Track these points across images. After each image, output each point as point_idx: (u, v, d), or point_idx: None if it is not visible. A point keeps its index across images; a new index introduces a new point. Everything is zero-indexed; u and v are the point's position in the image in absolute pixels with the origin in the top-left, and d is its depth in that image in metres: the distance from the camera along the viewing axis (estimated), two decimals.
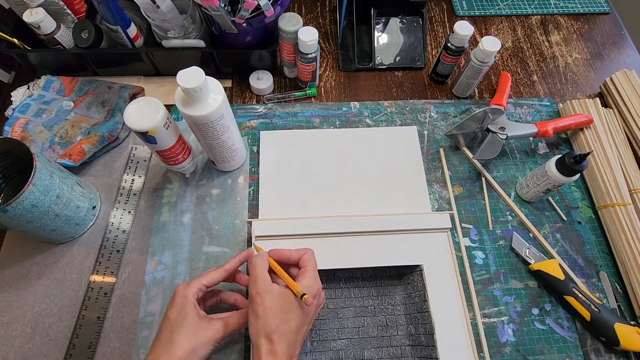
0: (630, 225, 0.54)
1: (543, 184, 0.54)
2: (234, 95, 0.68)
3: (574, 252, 0.56)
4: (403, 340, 0.51)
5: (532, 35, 0.78)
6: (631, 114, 0.63)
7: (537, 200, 0.59)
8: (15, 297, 0.51)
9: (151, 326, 0.50)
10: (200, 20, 0.62)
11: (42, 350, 0.48)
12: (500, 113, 0.58)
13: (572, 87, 0.72)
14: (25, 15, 0.57)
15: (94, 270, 0.52)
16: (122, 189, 0.58)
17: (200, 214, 0.57)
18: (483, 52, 0.59)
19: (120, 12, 0.58)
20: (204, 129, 0.48)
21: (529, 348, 0.50)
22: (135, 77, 0.68)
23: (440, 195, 0.60)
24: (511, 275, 0.54)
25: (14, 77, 0.68)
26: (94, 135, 0.58)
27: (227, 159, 0.56)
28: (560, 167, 0.52)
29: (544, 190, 0.55)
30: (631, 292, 0.52)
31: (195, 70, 0.43)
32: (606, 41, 0.78)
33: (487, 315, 0.52)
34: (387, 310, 0.53)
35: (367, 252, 0.52)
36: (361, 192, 0.59)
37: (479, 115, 0.58)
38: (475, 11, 0.80)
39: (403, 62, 0.72)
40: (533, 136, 0.60)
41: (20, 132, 0.59)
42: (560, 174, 0.52)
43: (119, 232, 0.55)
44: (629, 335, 0.48)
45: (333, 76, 0.71)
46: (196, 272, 0.53)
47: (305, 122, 0.65)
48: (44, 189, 0.45)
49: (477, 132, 0.60)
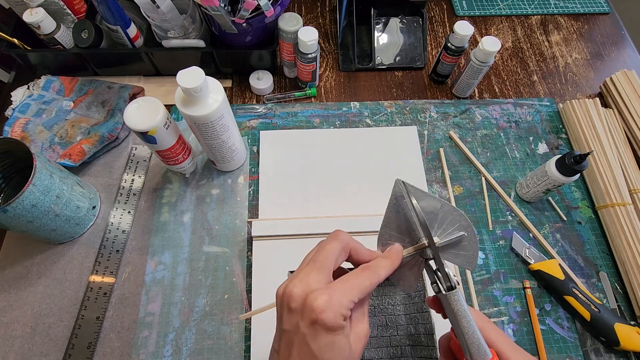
0: (630, 225, 0.54)
1: (543, 184, 0.54)
2: (234, 95, 0.68)
3: (574, 252, 0.56)
4: (403, 340, 0.51)
5: (532, 35, 0.78)
6: (631, 114, 0.63)
7: (537, 200, 0.59)
8: (15, 297, 0.51)
9: (151, 326, 0.50)
10: (200, 20, 0.62)
11: (42, 350, 0.48)
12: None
13: (572, 87, 0.72)
14: (25, 15, 0.57)
15: (93, 270, 0.52)
16: (122, 189, 0.58)
17: (200, 214, 0.57)
18: (483, 52, 0.59)
19: (120, 12, 0.58)
20: (204, 129, 0.48)
21: (529, 348, 0.50)
22: (135, 77, 0.68)
23: (440, 195, 0.60)
24: (511, 275, 0.54)
25: (14, 77, 0.68)
26: (94, 135, 0.58)
27: (227, 159, 0.56)
28: (560, 167, 0.52)
29: (544, 190, 0.55)
30: (631, 293, 0.52)
31: (195, 70, 0.43)
32: (606, 41, 0.78)
33: (487, 315, 0.52)
34: (387, 310, 0.53)
35: None
36: (361, 192, 0.59)
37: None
38: (475, 11, 0.80)
39: (403, 62, 0.72)
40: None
41: (20, 132, 0.59)
42: (560, 174, 0.52)
43: (119, 232, 0.55)
44: (628, 335, 0.48)
45: (333, 76, 0.71)
46: (196, 272, 0.53)
47: (305, 122, 0.65)
48: (44, 189, 0.45)
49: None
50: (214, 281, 0.53)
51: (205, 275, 0.53)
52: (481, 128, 0.66)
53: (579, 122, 0.63)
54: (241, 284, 0.53)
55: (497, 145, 0.64)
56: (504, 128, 0.66)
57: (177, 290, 0.52)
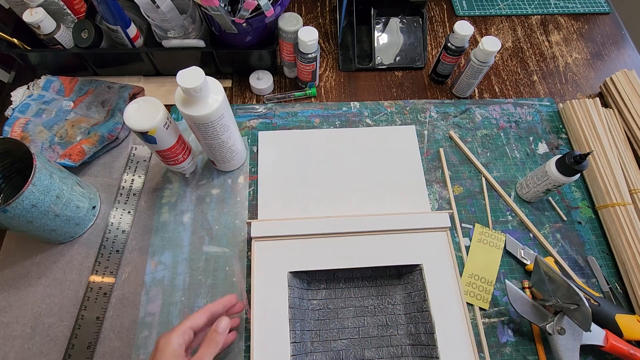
0: (630, 225, 0.54)
1: (543, 184, 0.54)
2: (234, 95, 0.68)
3: (574, 252, 0.56)
4: (403, 339, 0.51)
5: (532, 35, 0.78)
6: (631, 114, 0.63)
7: (537, 200, 0.59)
8: (15, 297, 0.51)
9: (151, 326, 0.50)
10: (200, 20, 0.62)
11: (42, 350, 0.48)
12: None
13: (572, 87, 0.72)
14: (25, 15, 0.57)
15: (93, 271, 0.52)
16: (121, 189, 0.58)
17: (200, 214, 0.57)
18: (483, 52, 0.59)
19: (120, 12, 0.58)
20: (204, 129, 0.48)
21: (529, 348, 0.50)
22: (135, 77, 0.68)
23: (440, 195, 0.60)
24: (511, 275, 0.54)
25: (14, 77, 0.68)
26: (93, 135, 0.58)
27: (227, 159, 0.56)
28: (560, 167, 0.52)
29: (544, 191, 0.55)
30: (631, 292, 0.52)
31: (195, 70, 0.43)
32: (606, 41, 0.78)
33: (487, 315, 0.52)
34: (387, 309, 0.53)
35: (366, 251, 0.52)
36: (361, 192, 0.59)
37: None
38: (475, 11, 0.80)
39: (403, 62, 0.72)
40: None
41: (20, 132, 0.59)
42: (560, 174, 0.52)
43: (119, 232, 0.55)
44: (630, 325, 0.48)
45: (333, 76, 0.71)
46: (196, 273, 0.53)
47: (305, 122, 0.65)
48: (43, 189, 0.45)
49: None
50: (214, 281, 0.53)
51: (205, 275, 0.53)
52: (481, 128, 0.66)
53: (579, 122, 0.63)
54: (241, 284, 0.53)
55: (497, 145, 0.64)
56: (504, 128, 0.66)
57: (177, 290, 0.52)
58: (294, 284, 0.50)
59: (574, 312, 0.45)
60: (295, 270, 0.50)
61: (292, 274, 0.50)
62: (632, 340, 0.49)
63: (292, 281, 0.50)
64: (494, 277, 0.54)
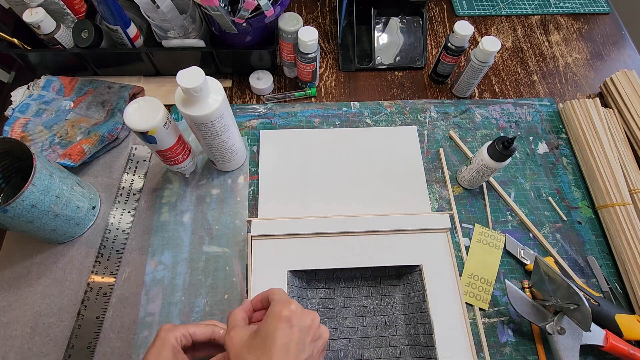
0: (630, 225, 0.54)
1: (476, 170, 0.55)
2: (234, 95, 0.68)
3: (574, 252, 0.56)
4: (402, 340, 0.51)
5: (532, 35, 0.78)
6: (631, 114, 0.63)
7: (476, 186, 0.59)
8: (15, 297, 0.51)
9: (151, 326, 0.50)
10: (200, 20, 0.62)
11: (42, 350, 0.48)
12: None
13: (572, 87, 0.72)
14: (25, 15, 0.57)
15: (93, 271, 0.52)
16: (121, 189, 0.58)
17: (200, 214, 0.57)
18: (483, 52, 0.59)
19: (120, 12, 0.58)
20: (204, 129, 0.48)
21: (529, 348, 0.50)
22: (135, 77, 0.68)
23: (440, 195, 0.60)
24: (511, 275, 0.54)
25: (14, 77, 0.68)
26: (93, 135, 0.58)
27: (227, 159, 0.56)
28: (491, 152, 0.52)
29: (478, 176, 0.56)
30: (631, 292, 0.52)
31: (195, 70, 0.43)
32: (606, 41, 0.78)
33: (487, 315, 0.52)
34: (386, 310, 0.53)
35: (366, 252, 0.52)
36: (361, 192, 0.59)
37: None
38: (475, 11, 0.80)
39: (403, 62, 0.72)
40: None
41: (20, 132, 0.59)
42: (491, 159, 0.52)
43: (119, 232, 0.55)
44: (630, 325, 0.48)
45: (333, 76, 0.71)
46: (196, 272, 0.53)
47: (305, 122, 0.65)
48: (43, 189, 0.45)
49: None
50: (214, 281, 0.53)
51: (205, 275, 0.53)
52: (481, 128, 0.66)
53: (579, 122, 0.63)
54: (241, 284, 0.53)
55: None
56: (504, 128, 0.66)
57: (177, 290, 0.52)
58: (293, 283, 0.50)
59: (574, 312, 0.45)
60: (295, 270, 0.50)
61: (291, 273, 0.50)
62: (632, 340, 0.49)
63: (292, 280, 0.50)
64: (494, 277, 0.54)
